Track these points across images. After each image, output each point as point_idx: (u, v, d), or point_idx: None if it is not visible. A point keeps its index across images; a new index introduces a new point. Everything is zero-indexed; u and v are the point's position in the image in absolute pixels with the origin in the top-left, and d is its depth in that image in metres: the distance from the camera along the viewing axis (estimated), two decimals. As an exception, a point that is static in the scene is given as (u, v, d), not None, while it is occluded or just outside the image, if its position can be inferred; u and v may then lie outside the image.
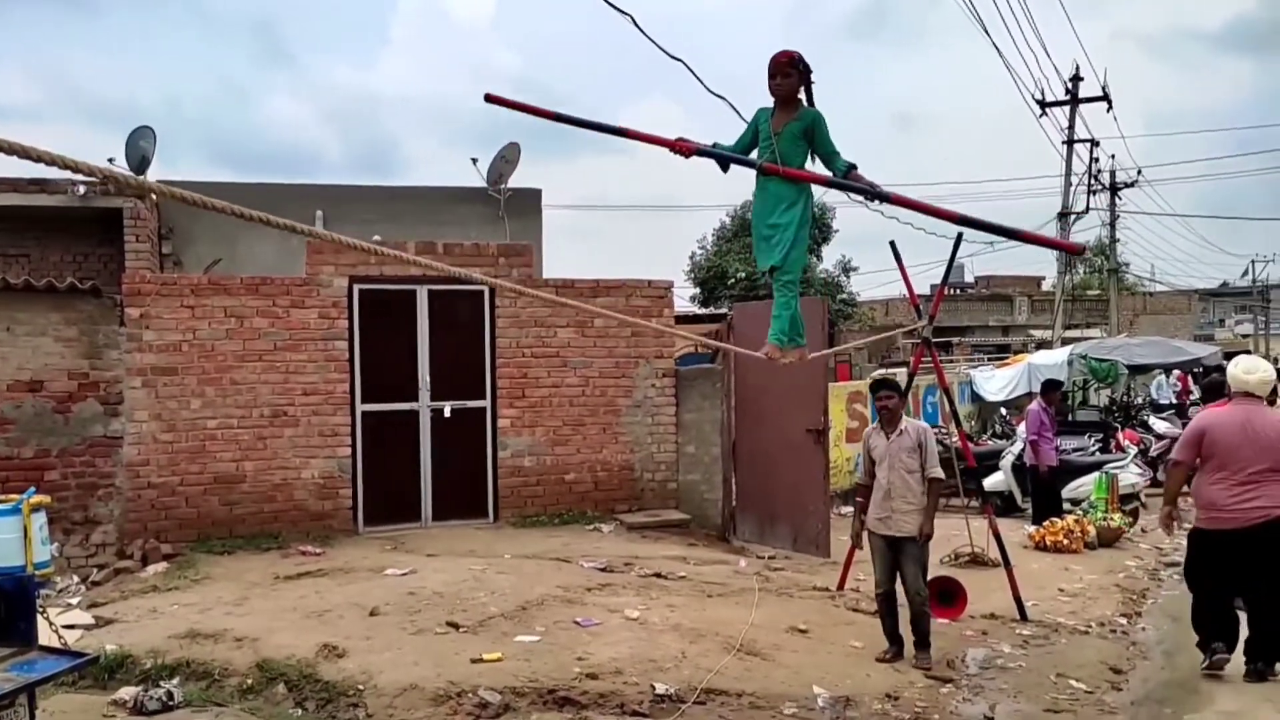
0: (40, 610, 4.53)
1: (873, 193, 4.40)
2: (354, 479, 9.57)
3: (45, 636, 4.23)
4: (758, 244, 4.91)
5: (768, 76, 4.78)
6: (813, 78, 4.82)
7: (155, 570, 8.20)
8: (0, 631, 4.00)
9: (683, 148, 4.58)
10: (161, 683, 5.59)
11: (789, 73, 4.74)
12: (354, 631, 6.33)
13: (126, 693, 5.45)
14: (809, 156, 4.73)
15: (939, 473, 6.56)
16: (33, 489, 6.72)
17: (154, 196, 11.71)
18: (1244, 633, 6.27)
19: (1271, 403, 6.71)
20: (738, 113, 9.42)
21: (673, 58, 6.70)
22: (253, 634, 6.25)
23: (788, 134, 4.70)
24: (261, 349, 9.28)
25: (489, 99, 4.77)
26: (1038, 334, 35.45)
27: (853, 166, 4.56)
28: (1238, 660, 6.21)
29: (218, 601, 7.06)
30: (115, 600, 7.29)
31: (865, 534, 6.73)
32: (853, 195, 4.79)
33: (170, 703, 5.38)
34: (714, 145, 4.73)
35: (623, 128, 4.68)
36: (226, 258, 11.47)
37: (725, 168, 4.74)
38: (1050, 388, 12.60)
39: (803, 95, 4.80)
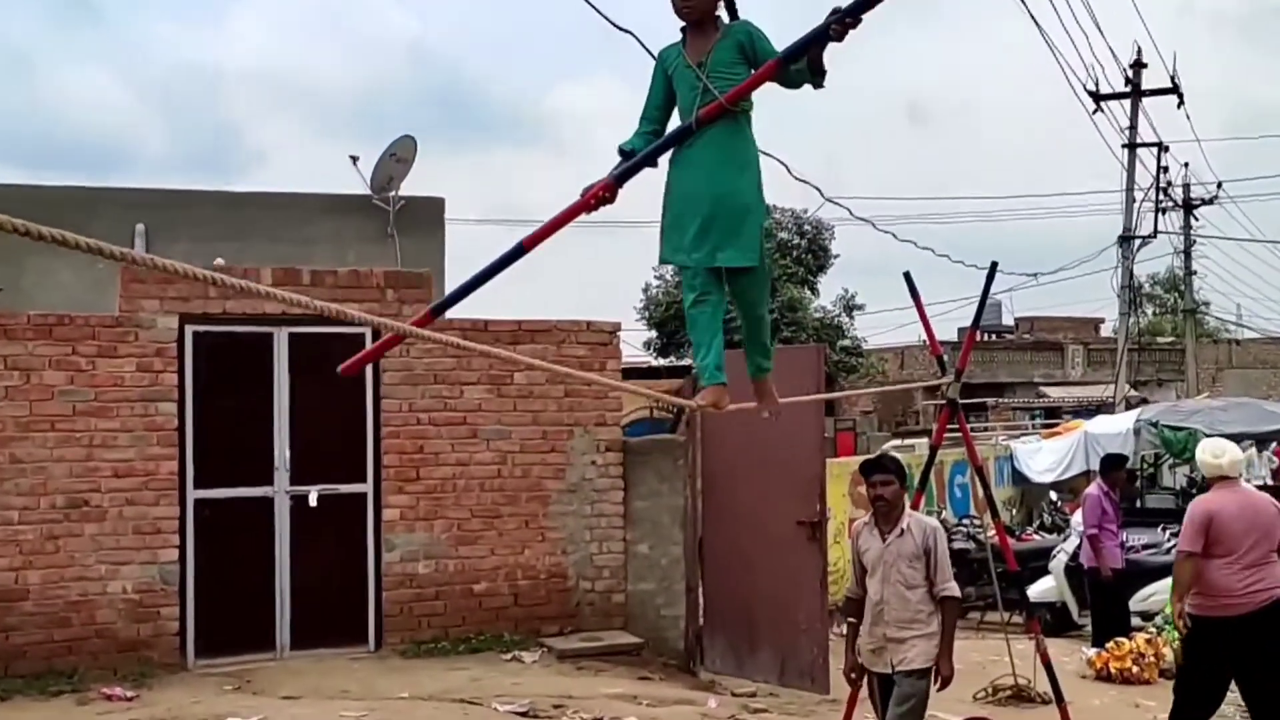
0: None
1: (832, 19, 3.64)
2: (182, 593, 9.37)
3: None
4: (681, 213, 4.48)
5: None
6: None
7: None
8: None
9: (599, 193, 4.14)
10: None
11: None
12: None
13: None
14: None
15: (954, 590, 6.39)
16: None
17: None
18: None
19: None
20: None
21: (621, 29, 6.72)
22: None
23: (717, 62, 4.38)
24: (55, 414, 9.07)
25: (345, 372, 4.61)
26: (1089, 392, 35.97)
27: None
28: None
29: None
30: None
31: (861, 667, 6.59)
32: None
33: None
34: (619, 149, 4.48)
35: (517, 245, 4.25)
36: (8, 287, 11.21)
37: (655, 164, 4.38)
38: (1113, 465, 12.70)
39: (723, 11, 4.54)
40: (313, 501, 9.76)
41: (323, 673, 9.14)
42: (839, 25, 3.63)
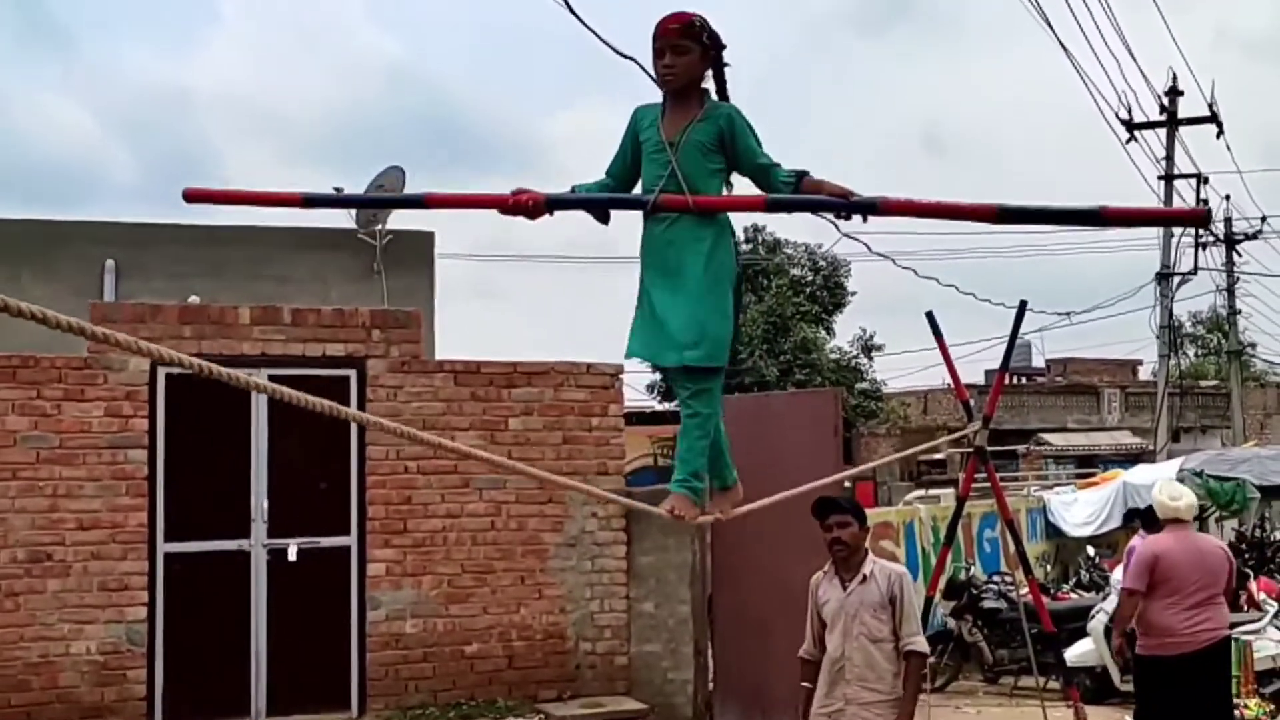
0: None
1: (848, 204, 3.93)
2: (150, 654, 9.33)
3: None
4: (648, 328, 4.36)
5: (653, 55, 4.32)
6: (725, 58, 4.37)
7: None
8: None
9: (524, 200, 4.11)
10: None
11: (684, 47, 4.24)
12: None
13: None
14: (725, 178, 4.34)
15: (920, 645, 6.16)
16: None
17: None
18: None
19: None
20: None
21: (623, 55, 6.76)
22: None
23: (690, 145, 4.24)
24: (17, 461, 9.08)
25: (190, 197, 4.36)
26: (1128, 439, 35.92)
27: (803, 174, 4.14)
28: None
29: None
30: None
31: None
32: (821, 215, 4.63)
33: None
34: (573, 189, 4.42)
35: (422, 195, 4.34)
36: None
37: (603, 218, 4.38)
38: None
39: (711, 84, 4.37)
40: (292, 556, 9.73)
41: (302, 742, 9.12)
42: (846, 214, 4.00)
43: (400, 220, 13.03)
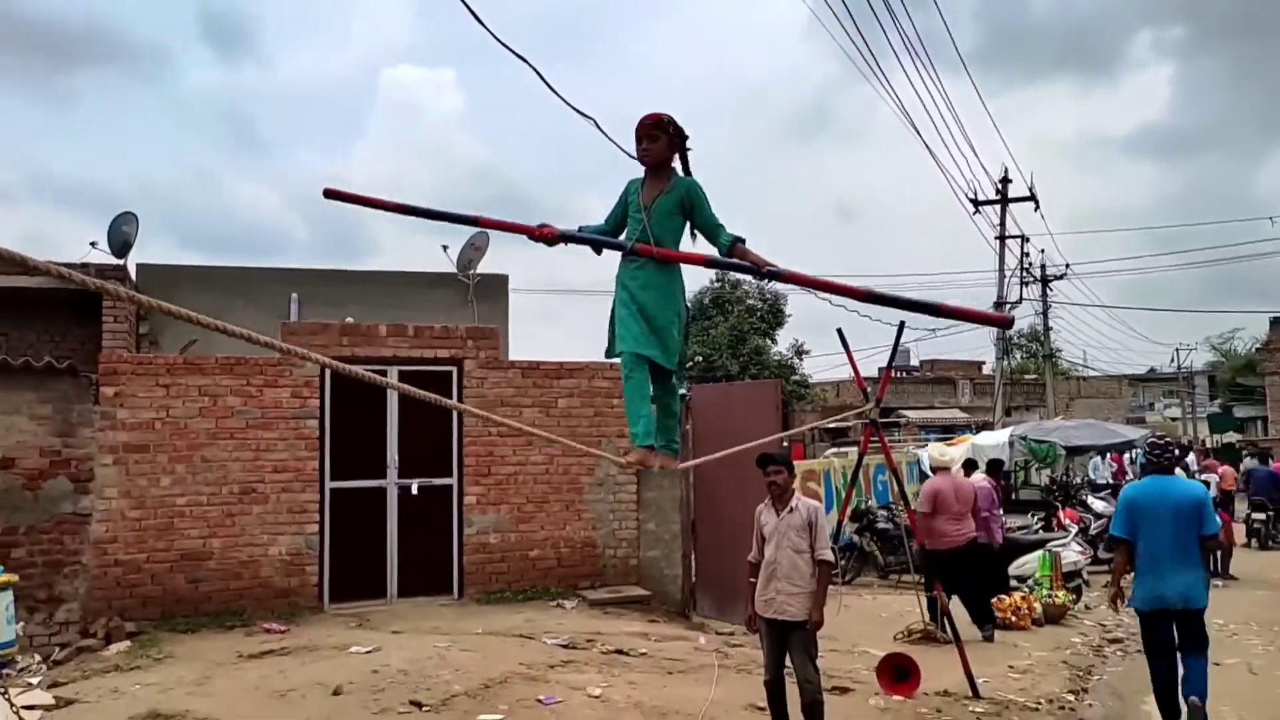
0: (2, 691, 4.34)
1: (761, 271, 3.86)
2: (321, 556, 9.37)
3: (4, 717, 4.03)
4: (634, 334, 4.17)
5: (635, 142, 4.23)
6: (688, 144, 4.25)
7: (118, 649, 7.89)
8: (-41, 713, 3.82)
9: (545, 234, 4.03)
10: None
11: (655, 136, 4.18)
12: (316, 712, 6.11)
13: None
14: (686, 233, 4.22)
15: (828, 555, 5.97)
16: (0, 568, 6.50)
17: (128, 282, 11.61)
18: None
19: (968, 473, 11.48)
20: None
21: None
22: (214, 715, 6.00)
23: (660, 210, 4.15)
24: (233, 427, 9.13)
25: (328, 194, 4.22)
26: (974, 417, 35.81)
27: (739, 240, 4.04)
28: None
29: (179, 681, 6.79)
30: (77, 680, 7.00)
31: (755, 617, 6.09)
32: (739, 275, 4.52)
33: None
34: (579, 229, 4.25)
35: (476, 216, 4.26)
36: (202, 338, 11.33)
37: (598, 251, 4.21)
38: (996, 467, 12.67)
39: (677, 164, 4.25)
40: (414, 491, 9.77)
41: (420, 614, 9.13)
42: (760, 276, 3.92)
43: (485, 266, 13.09)
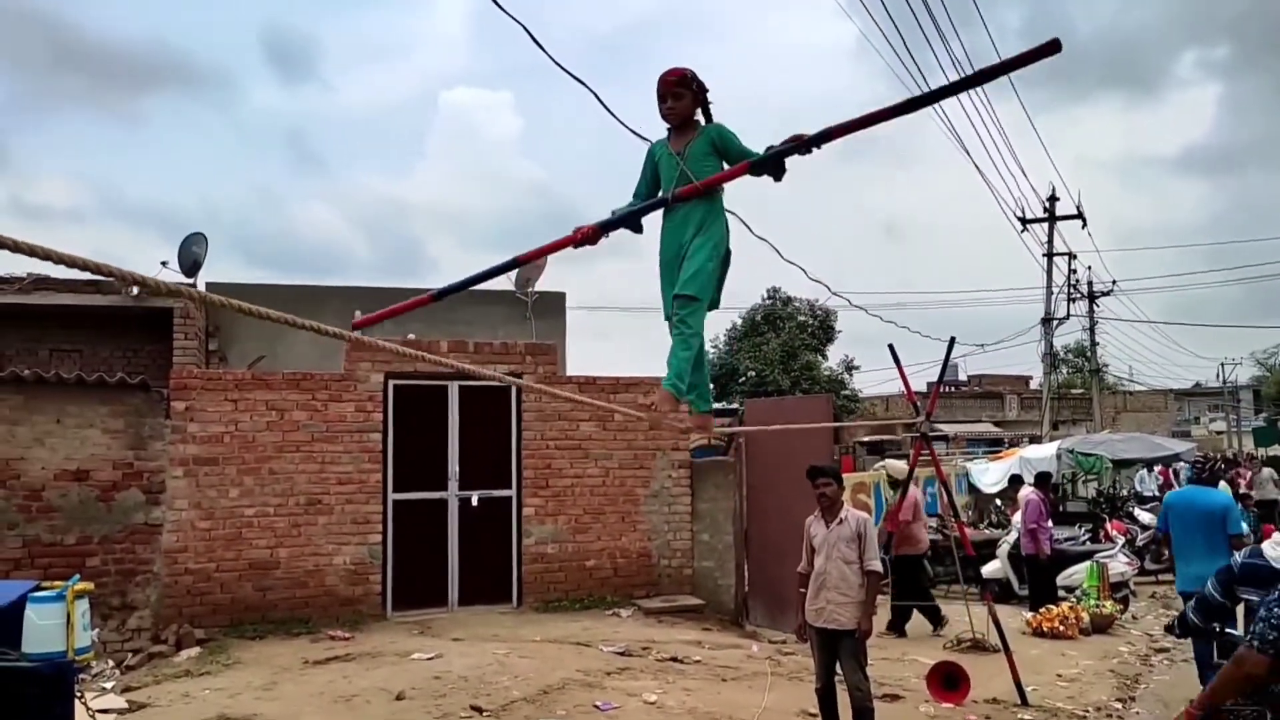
0: (78, 695, 4.30)
1: (801, 144, 3.39)
2: (384, 565, 9.34)
3: (78, 721, 3.99)
4: (665, 276, 3.95)
5: (657, 101, 4.00)
6: (709, 96, 4.02)
7: (188, 655, 7.92)
8: (38, 716, 3.77)
9: (583, 235, 3.74)
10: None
11: (680, 93, 3.94)
12: (380, 716, 6.04)
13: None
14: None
15: (877, 566, 5.89)
16: (76, 576, 6.53)
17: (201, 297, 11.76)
18: None
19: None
20: (777, 251, 9.39)
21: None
22: (280, 719, 5.95)
23: (693, 154, 3.89)
24: (300, 440, 9.15)
25: (356, 326, 4.06)
26: (1022, 431, 35.03)
27: (770, 148, 3.63)
28: None
29: (247, 686, 6.77)
30: (149, 685, 7.01)
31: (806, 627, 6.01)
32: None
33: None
34: (613, 213, 3.95)
35: (515, 258, 3.86)
36: (269, 354, 11.44)
37: (637, 228, 3.91)
38: (1044, 479, 12.35)
39: (699, 117, 4.02)
40: (474, 502, 9.72)
41: (480, 622, 9.09)
42: (804, 150, 3.36)
43: (543, 284, 13.06)
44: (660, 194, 3.96)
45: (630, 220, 3.85)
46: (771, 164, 3.50)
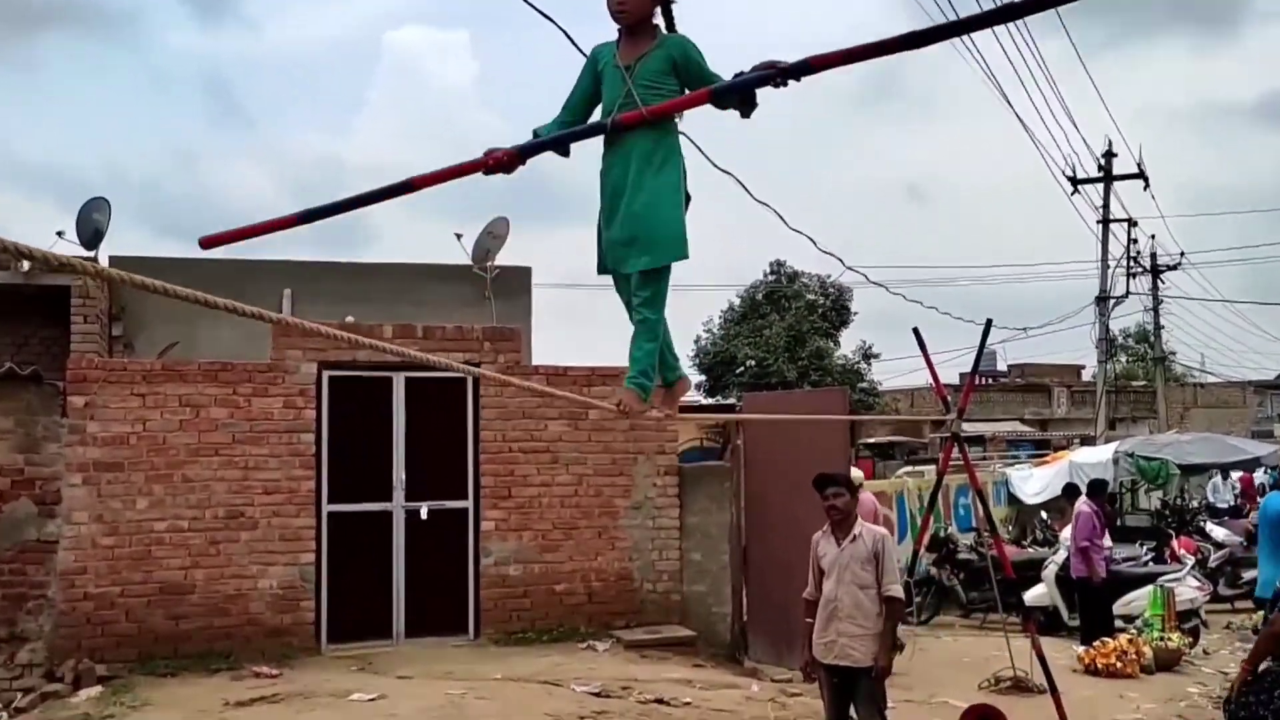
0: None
1: (775, 72, 2.91)
2: (317, 589, 9.39)
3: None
4: (612, 238, 3.79)
5: None
6: None
7: (88, 695, 7.97)
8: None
9: (496, 160, 3.34)
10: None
11: None
12: (313, 767, 6.10)
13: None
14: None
15: (897, 591, 5.91)
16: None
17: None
18: None
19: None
20: (781, 218, 9.37)
21: (722, 170, 6.62)
22: (197, 769, 6.01)
23: (645, 71, 3.63)
24: (219, 442, 9.18)
25: (204, 244, 3.62)
26: (1071, 431, 35.31)
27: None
28: None
29: (158, 731, 6.83)
30: (42, 729, 7.06)
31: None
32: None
33: None
34: (534, 133, 3.69)
35: (408, 179, 3.37)
36: (183, 341, 11.42)
37: (564, 152, 3.57)
38: (1099, 488, 12.43)
39: (659, 20, 3.78)
40: (423, 515, 9.75)
41: (430, 657, 9.11)
42: (779, 81, 2.93)
43: (505, 258, 13.05)
44: (601, 116, 3.70)
45: (558, 145, 3.55)
46: (738, 94, 3.19)
